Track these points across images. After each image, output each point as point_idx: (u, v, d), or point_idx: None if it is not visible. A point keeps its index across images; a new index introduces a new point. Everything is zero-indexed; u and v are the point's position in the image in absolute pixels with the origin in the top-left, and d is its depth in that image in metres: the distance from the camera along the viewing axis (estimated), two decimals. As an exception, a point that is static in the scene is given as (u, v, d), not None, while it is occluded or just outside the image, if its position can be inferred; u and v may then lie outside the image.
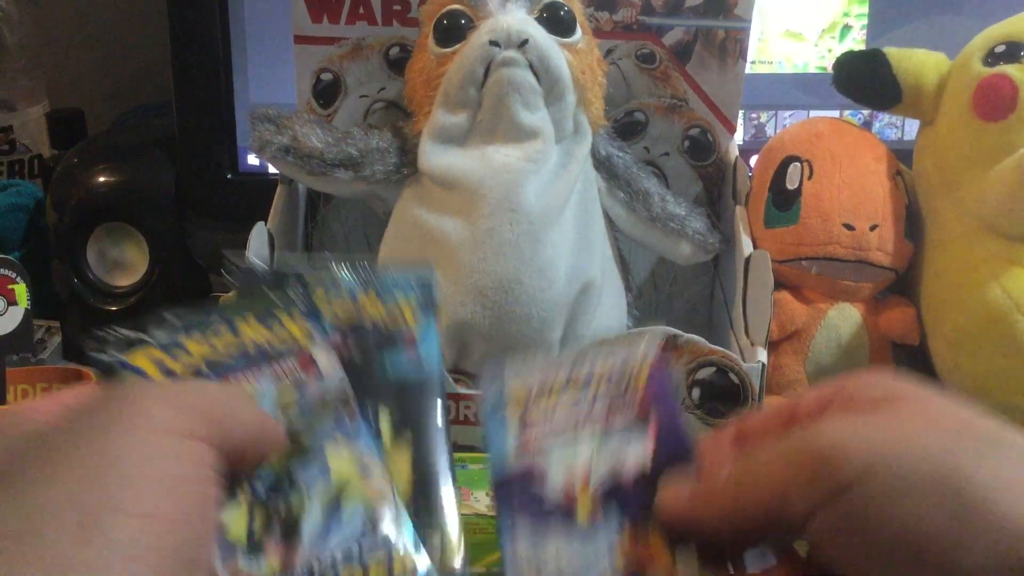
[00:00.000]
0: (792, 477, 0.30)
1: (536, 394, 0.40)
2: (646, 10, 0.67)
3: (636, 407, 0.39)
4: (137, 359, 0.36)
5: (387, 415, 0.39)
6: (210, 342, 0.37)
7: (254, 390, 0.37)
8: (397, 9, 0.67)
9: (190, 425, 0.30)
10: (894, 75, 0.66)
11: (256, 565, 0.34)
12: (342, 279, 0.41)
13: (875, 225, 0.64)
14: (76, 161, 0.75)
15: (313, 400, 0.38)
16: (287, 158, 0.62)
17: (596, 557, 0.37)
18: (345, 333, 0.40)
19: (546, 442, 0.39)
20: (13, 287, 0.61)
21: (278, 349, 0.38)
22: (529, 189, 0.58)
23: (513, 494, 0.38)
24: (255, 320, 0.38)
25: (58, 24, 0.99)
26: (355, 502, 0.36)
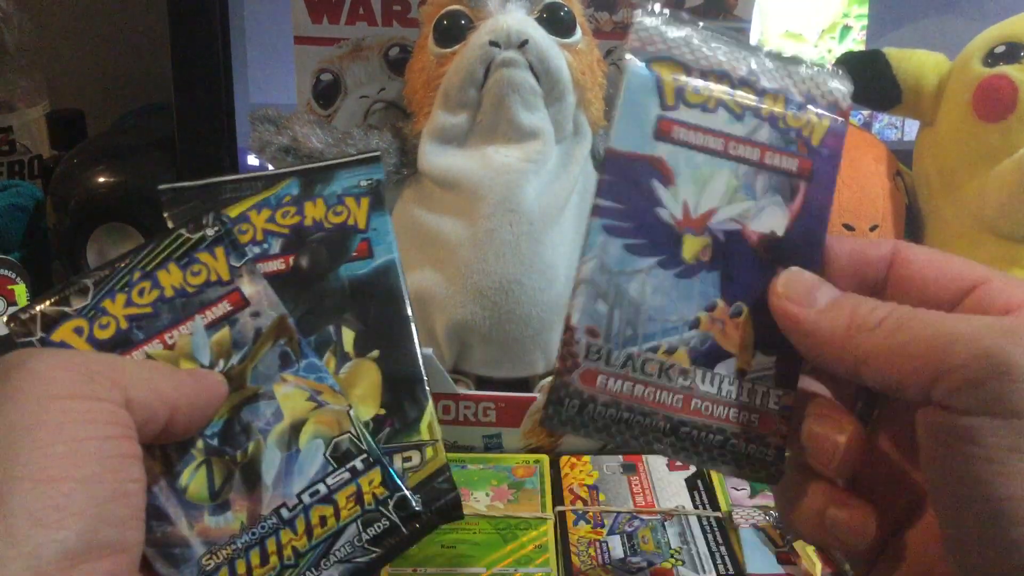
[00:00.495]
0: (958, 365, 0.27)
1: (701, 74, 0.34)
2: (646, 10, 0.67)
3: (798, 161, 0.33)
4: (59, 333, 0.36)
5: (350, 330, 0.38)
6: (132, 299, 0.36)
7: (187, 339, 0.36)
8: (397, 9, 0.67)
9: (92, 389, 0.29)
10: (894, 76, 0.66)
11: (224, 520, 0.34)
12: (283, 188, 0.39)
13: (875, 225, 0.64)
14: (76, 161, 0.75)
15: (249, 336, 0.37)
16: (287, 158, 0.62)
17: (682, 305, 0.33)
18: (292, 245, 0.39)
19: (690, 140, 0.33)
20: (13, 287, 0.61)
21: (203, 291, 0.37)
22: (529, 190, 0.58)
23: (628, 176, 0.33)
24: (175, 266, 0.37)
25: (58, 24, 0.99)
26: (313, 437, 0.36)
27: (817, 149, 0.33)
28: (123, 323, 0.36)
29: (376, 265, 0.39)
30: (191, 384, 0.34)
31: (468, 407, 0.58)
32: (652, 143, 0.33)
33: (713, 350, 0.33)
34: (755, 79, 0.34)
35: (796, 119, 0.33)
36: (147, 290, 0.37)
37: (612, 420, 0.32)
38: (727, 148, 0.33)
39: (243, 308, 0.37)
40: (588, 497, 0.54)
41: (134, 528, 0.29)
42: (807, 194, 0.33)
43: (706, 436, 0.32)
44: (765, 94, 0.34)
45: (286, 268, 0.39)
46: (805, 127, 0.33)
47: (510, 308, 0.58)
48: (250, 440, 0.35)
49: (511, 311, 0.58)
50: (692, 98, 0.33)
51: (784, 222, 0.33)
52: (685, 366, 0.33)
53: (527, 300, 0.58)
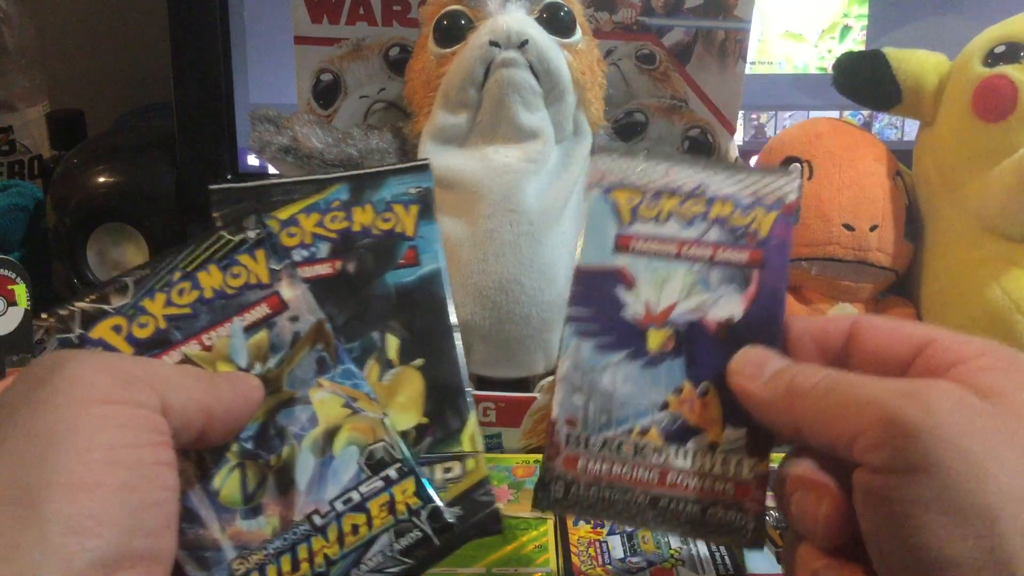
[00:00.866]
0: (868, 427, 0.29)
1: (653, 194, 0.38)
2: (646, 11, 0.67)
3: (748, 253, 0.37)
4: (98, 331, 0.35)
5: (394, 337, 0.38)
6: (171, 299, 0.36)
7: (225, 341, 0.36)
8: (397, 9, 0.67)
9: (130, 394, 0.29)
10: (894, 76, 0.66)
11: (256, 524, 0.34)
12: (333, 193, 0.39)
13: (875, 225, 0.64)
14: (76, 161, 0.75)
15: (287, 340, 0.36)
16: (287, 158, 0.62)
17: (650, 390, 0.36)
18: (340, 250, 0.38)
19: (646, 248, 0.37)
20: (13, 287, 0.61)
21: (242, 293, 0.37)
22: (529, 190, 0.58)
23: (594, 287, 0.37)
24: (215, 267, 0.37)
25: (58, 24, 0.99)
26: (348, 444, 0.35)
27: (765, 240, 0.37)
28: (162, 323, 0.36)
29: (422, 273, 0.38)
30: (228, 390, 0.33)
31: (468, 407, 0.58)
32: (612, 256, 0.37)
33: (684, 428, 0.36)
34: (703, 190, 0.38)
35: (743, 217, 0.37)
36: (187, 290, 0.36)
37: (596, 499, 0.35)
38: (681, 251, 0.37)
39: (282, 312, 0.37)
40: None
41: (167, 537, 0.29)
42: (760, 280, 0.37)
43: (684, 507, 0.35)
44: (714, 201, 0.38)
45: (333, 272, 0.38)
46: (752, 223, 0.37)
47: (510, 308, 0.58)
48: (284, 444, 0.35)
49: (511, 311, 0.58)
50: (645, 213, 0.38)
51: (741, 308, 0.37)
52: (658, 444, 0.36)
53: (527, 300, 0.58)
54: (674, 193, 0.38)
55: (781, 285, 0.37)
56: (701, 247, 0.37)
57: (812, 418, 0.32)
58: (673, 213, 0.38)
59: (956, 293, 0.63)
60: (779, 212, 0.37)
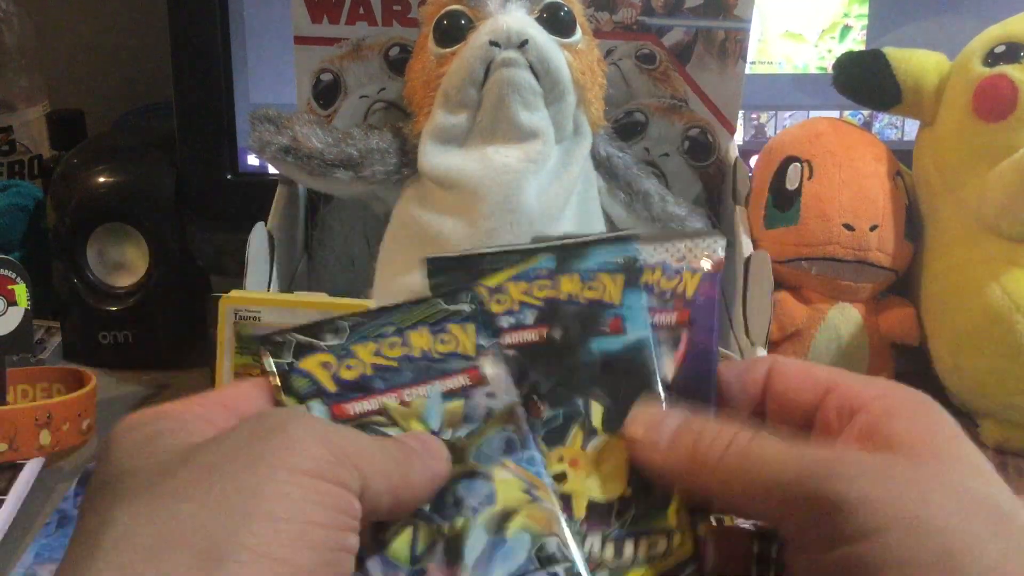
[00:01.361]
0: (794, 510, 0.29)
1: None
2: (646, 11, 0.67)
3: (676, 315, 0.38)
4: (308, 364, 0.36)
5: (599, 405, 0.37)
6: (380, 350, 0.37)
7: (422, 401, 0.36)
8: (397, 9, 0.67)
9: (339, 473, 0.29)
10: (894, 75, 0.66)
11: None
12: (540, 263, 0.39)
13: (875, 225, 0.64)
14: (76, 161, 0.75)
15: (480, 414, 0.37)
16: (287, 158, 0.62)
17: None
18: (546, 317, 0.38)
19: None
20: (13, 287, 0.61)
21: (447, 360, 0.37)
22: (529, 190, 0.58)
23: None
24: (426, 330, 0.37)
25: (58, 24, 0.99)
26: (522, 530, 0.35)
27: (692, 299, 0.38)
28: (368, 370, 0.36)
29: (628, 342, 0.38)
30: (420, 470, 0.33)
31: (468, 407, 0.58)
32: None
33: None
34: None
35: (669, 282, 0.38)
36: (397, 345, 0.37)
37: None
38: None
39: (480, 386, 0.37)
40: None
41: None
42: (689, 339, 0.37)
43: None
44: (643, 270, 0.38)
45: (539, 340, 0.38)
46: (678, 285, 0.38)
47: (510, 308, 0.58)
48: (460, 515, 0.35)
49: (511, 311, 0.58)
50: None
51: (674, 366, 0.37)
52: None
53: (527, 300, 0.58)
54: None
55: (710, 342, 0.37)
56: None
57: (725, 494, 0.31)
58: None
59: (956, 293, 0.63)
60: (705, 272, 0.38)
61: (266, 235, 0.63)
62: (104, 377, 0.69)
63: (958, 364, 0.63)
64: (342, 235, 0.73)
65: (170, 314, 0.74)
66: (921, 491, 0.28)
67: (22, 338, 0.62)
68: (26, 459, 0.58)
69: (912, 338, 0.67)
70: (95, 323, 0.74)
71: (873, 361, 0.67)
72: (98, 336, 0.74)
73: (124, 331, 0.74)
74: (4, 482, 0.56)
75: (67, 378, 0.65)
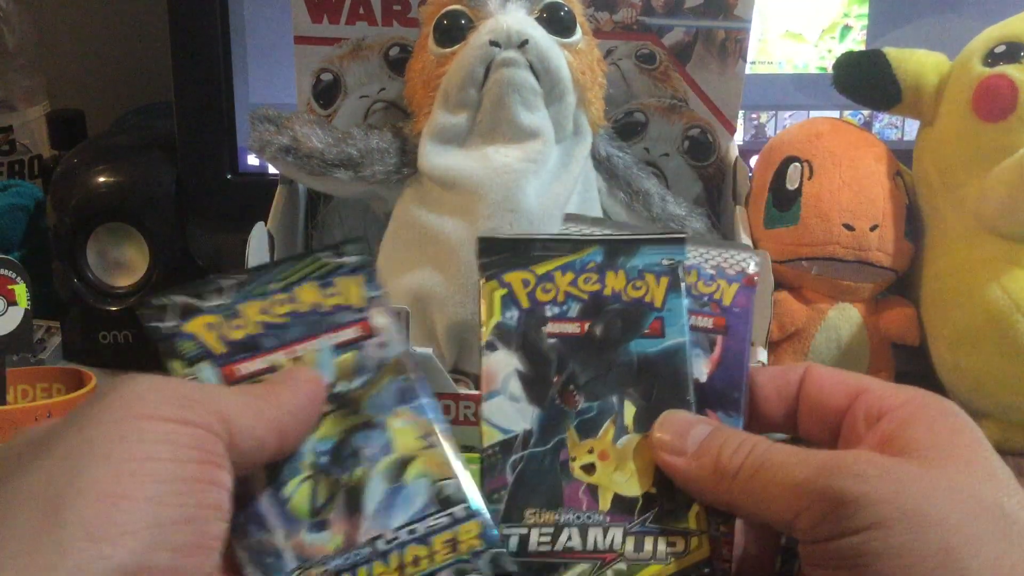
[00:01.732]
0: (806, 506, 0.31)
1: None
2: (646, 10, 0.67)
3: (712, 320, 0.39)
4: (193, 325, 0.36)
5: (632, 405, 0.38)
6: (268, 308, 0.37)
7: (313, 355, 0.37)
8: (397, 9, 0.67)
9: (180, 413, 0.29)
10: (894, 75, 0.66)
11: (320, 539, 0.34)
12: (589, 255, 0.40)
13: (875, 225, 0.64)
14: (76, 161, 0.75)
15: (372, 365, 0.37)
16: (287, 158, 0.62)
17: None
18: (589, 311, 0.39)
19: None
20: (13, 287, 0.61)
21: (336, 313, 0.37)
22: (529, 190, 0.58)
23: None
24: (314, 284, 0.38)
25: (58, 24, 0.99)
26: (420, 476, 0.36)
27: (729, 308, 0.39)
28: (255, 328, 0.36)
29: (666, 346, 0.38)
30: (289, 395, 0.34)
31: (468, 407, 0.58)
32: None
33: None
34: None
35: (707, 286, 0.40)
36: (285, 301, 0.37)
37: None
38: None
39: (371, 338, 0.37)
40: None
41: (197, 556, 0.29)
42: (724, 345, 0.39)
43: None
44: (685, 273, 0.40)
45: (581, 332, 0.39)
46: (716, 292, 0.40)
47: (510, 308, 0.58)
48: (358, 466, 0.35)
49: (511, 311, 0.58)
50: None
51: (707, 370, 0.38)
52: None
53: (527, 300, 0.58)
54: None
55: (743, 350, 0.39)
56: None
57: (745, 501, 0.33)
58: None
59: (956, 293, 0.63)
60: (740, 284, 0.40)
61: (266, 235, 0.63)
62: (104, 377, 0.69)
63: (958, 364, 0.63)
64: (342, 235, 0.73)
65: (170, 314, 0.74)
66: (924, 490, 0.30)
67: (22, 338, 0.62)
68: (26, 459, 0.58)
69: (912, 338, 0.67)
70: (95, 323, 0.74)
71: (873, 361, 0.67)
72: (98, 336, 0.74)
73: (124, 331, 0.74)
74: (4, 482, 0.56)
75: (67, 378, 0.65)
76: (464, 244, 0.58)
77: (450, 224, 0.59)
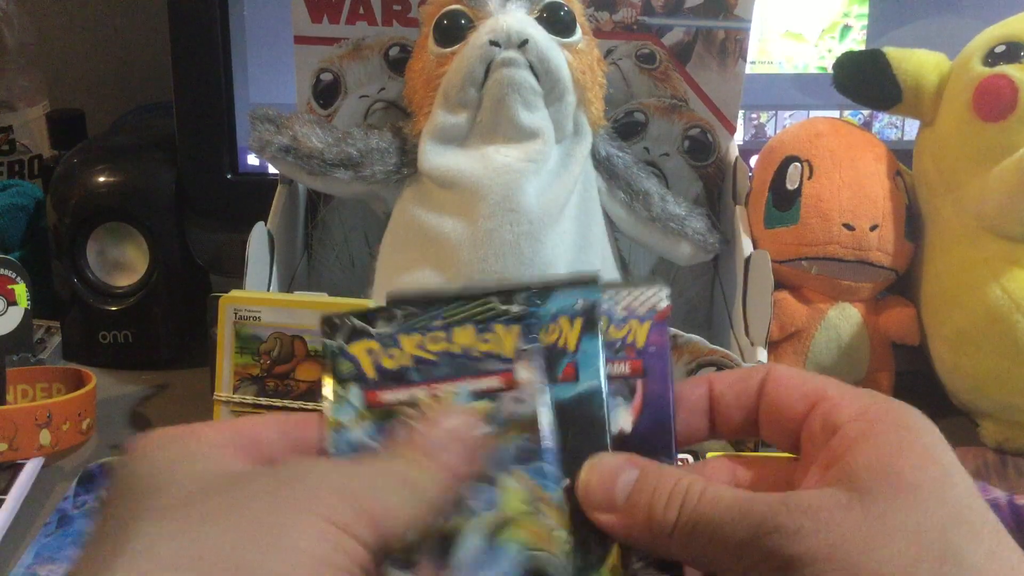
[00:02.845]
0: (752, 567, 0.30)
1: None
2: (646, 10, 0.67)
3: (629, 364, 0.37)
4: (355, 348, 0.37)
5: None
6: (423, 343, 0.37)
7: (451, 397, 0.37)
8: (397, 9, 0.67)
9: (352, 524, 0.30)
10: (894, 75, 0.66)
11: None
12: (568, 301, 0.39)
13: (875, 225, 0.64)
14: (76, 161, 0.75)
15: (504, 419, 0.36)
16: (287, 158, 0.62)
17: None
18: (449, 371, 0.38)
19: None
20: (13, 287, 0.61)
21: (485, 360, 0.37)
22: (529, 189, 0.58)
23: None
24: (472, 327, 0.37)
25: (58, 24, 0.99)
26: (515, 541, 0.35)
27: (644, 349, 0.37)
28: (407, 360, 0.37)
29: (580, 391, 0.37)
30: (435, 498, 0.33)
31: (468, 407, 0.58)
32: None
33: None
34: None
35: (618, 330, 0.37)
36: (441, 339, 0.37)
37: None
38: None
39: (510, 391, 0.37)
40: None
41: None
42: (645, 389, 0.37)
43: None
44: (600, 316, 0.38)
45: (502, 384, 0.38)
46: (628, 335, 0.37)
47: (510, 308, 0.58)
48: (459, 515, 0.35)
49: (511, 311, 0.58)
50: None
51: (631, 418, 0.37)
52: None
53: (527, 300, 0.58)
54: None
55: (666, 391, 0.37)
56: None
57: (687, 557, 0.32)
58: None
59: (956, 293, 0.63)
60: (653, 321, 0.38)
61: (266, 235, 0.63)
62: (104, 377, 0.69)
63: (958, 364, 0.63)
64: (342, 235, 0.73)
65: (170, 314, 0.74)
66: (865, 538, 0.29)
67: (22, 338, 0.62)
68: (26, 459, 0.58)
69: (912, 338, 0.67)
70: (95, 323, 0.74)
71: (873, 361, 0.67)
72: (98, 336, 0.74)
73: (124, 331, 0.74)
74: (4, 482, 0.56)
75: (67, 378, 0.65)
76: (464, 244, 0.58)
77: (450, 224, 0.59)
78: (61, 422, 0.59)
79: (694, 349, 0.58)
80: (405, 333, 0.37)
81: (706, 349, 0.58)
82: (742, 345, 0.62)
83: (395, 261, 0.62)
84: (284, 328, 0.54)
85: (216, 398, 0.54)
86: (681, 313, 0.74)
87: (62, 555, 0.51)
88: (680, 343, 0.57)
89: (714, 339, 0.59)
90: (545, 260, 0.58)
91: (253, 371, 0.54)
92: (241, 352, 0.54)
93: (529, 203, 0.58)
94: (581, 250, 0.60)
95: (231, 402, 0.54)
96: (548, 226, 0.58)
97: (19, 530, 0.55)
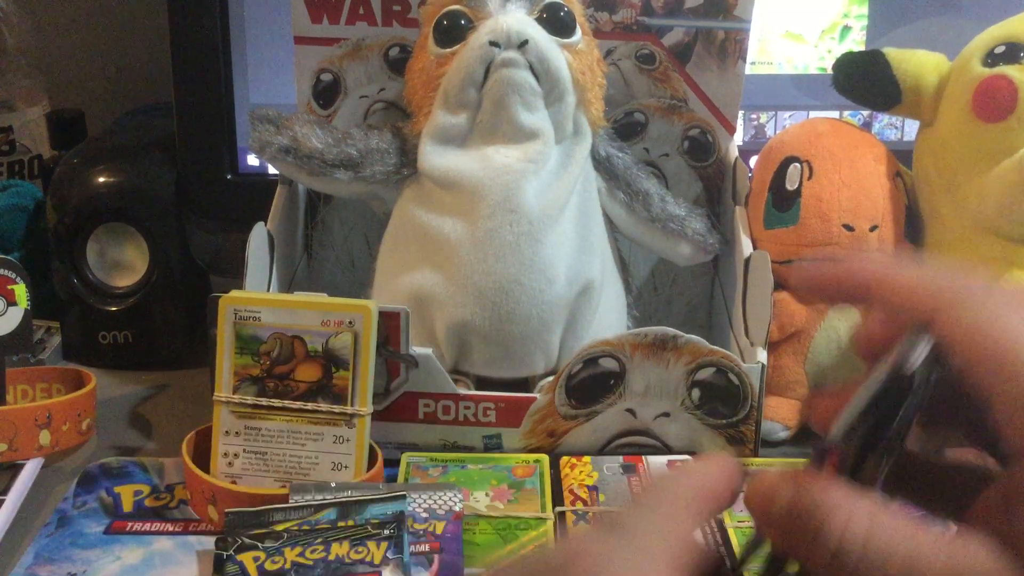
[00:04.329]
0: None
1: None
2: (646, 11, 0.67)
3: (429, 544, 0.49)
4: (243, 556, 0.46)
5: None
6: (304, 552, 0.46)
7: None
8: (397, 9, 0.67)
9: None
10: (894, 76, 0.66)
11: None
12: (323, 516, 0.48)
13: (875, 226, 0.64)
14: (76, 161, 0.75)
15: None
16: (287, 159, 0.62)
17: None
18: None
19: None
20: (13, 287, 0.61)
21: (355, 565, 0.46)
22: (529, 190, 0.58)
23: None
24: (347, 543, 0.46)
25: (58, 24, 0.99)
26: None
27: (442, 535, 0.50)
28: (287, 565, 0.45)
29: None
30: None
31: (468, 407, 0.58)
32: None
33: None
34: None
35: (421, 525, 0.50)
36: (319, 550, 0.46)
37: None
38: None
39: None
40: (588, 498, 0.54)
41: None
42: (440, 560, 0.49)
43: None
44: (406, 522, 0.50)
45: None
46: (430, 527, 0.50)
47: (510, 308, 0.58)
48: None
49: (511, 311, 0.58)
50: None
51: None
52: None
53: (527, 300, 0.58)
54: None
55: (458, 562, 0.48)
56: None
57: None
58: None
59: (956, 293, 0.63)
60: (450, 520, 0.51)
61: (266, 235, 0.63)
62: (104, 377, 0.69)
63: (958, 364, 0.63)
64: (342, 235, 0.73)
65: (170, 314, 0.74)
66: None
67: (22, 338, 0.61)
68: (26, 459, 0.58)
69: (912, 338, 0.67)
70: (95, 323, 0.74)
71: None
72: (98, 336, 0.74)
73: (124, 331, 0.74)
74: (4, 482, 0.56)
75: (67, 378, 0.65)
76: (464, 245, 0.58)
77: (450, 224, 0.59)
78: (61, 422, 0.59)
79: (694, 349, 0.58)
80: (289, 546, 0.46)
81: (706, 349, 0.58)
82: (742, 345, 0.62)
83: (395, 261, 0.62)
84: (284, 328, 0.54)
85: (216, 398, 0.54)
86: (681, 313, 0.74)
87: (62, 555, 0.51)
88: (680, 343, 0.57)
89: (714, 339, 0.59)
90: (545, 260, 0.58)
91: (253, 371, 0.54)
92: (241, 352, 0.54)
93: (529, 203, 0.58)
94: (581, 251, 0.60)
95: (231, 402, 0.54)
96: (548, 226, 0.58)
97: (19, 530, 0.55)
